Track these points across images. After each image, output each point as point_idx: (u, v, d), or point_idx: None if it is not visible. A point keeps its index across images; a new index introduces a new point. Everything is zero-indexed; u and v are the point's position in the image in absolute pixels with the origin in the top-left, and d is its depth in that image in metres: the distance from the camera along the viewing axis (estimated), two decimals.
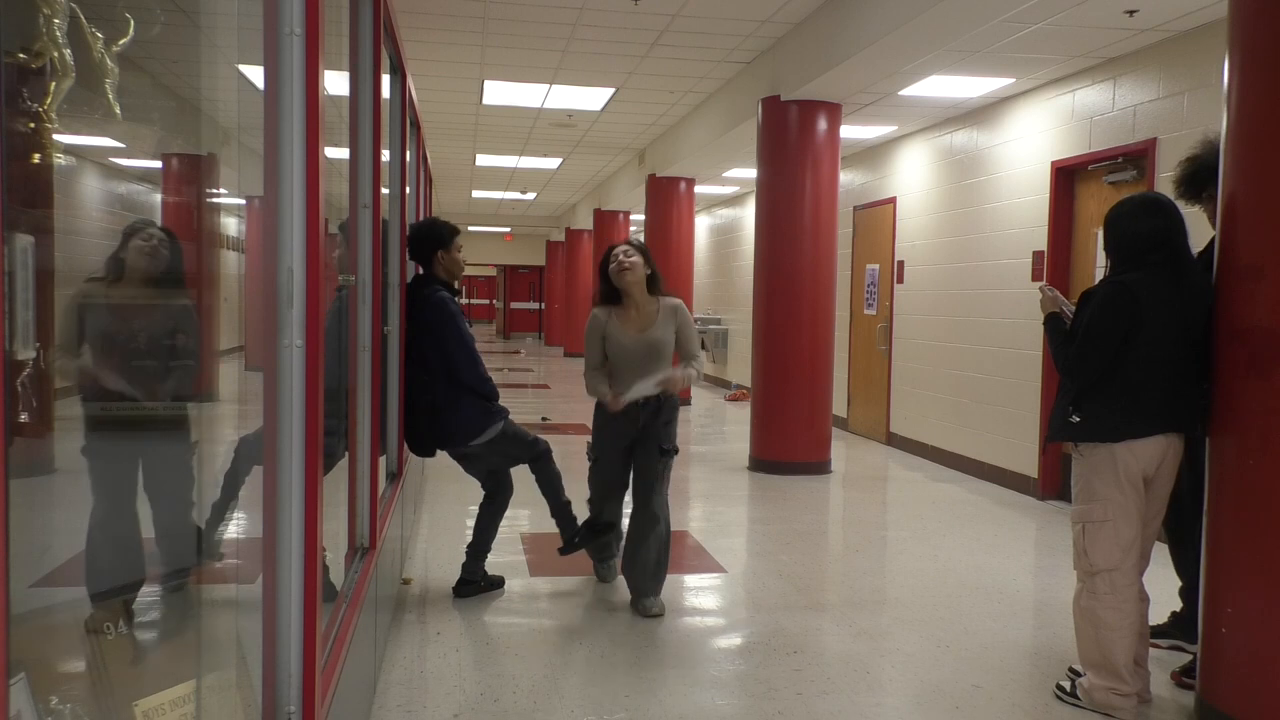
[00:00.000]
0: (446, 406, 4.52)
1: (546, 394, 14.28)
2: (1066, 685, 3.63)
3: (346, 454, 3.27)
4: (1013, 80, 7.31)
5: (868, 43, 6.36)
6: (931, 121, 9.00)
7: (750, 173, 11.33)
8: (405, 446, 4.76)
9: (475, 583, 4.73)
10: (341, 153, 3.33)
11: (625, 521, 4.76)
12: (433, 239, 4.67)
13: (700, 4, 6.98)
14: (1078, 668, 3.65)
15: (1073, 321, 3.58)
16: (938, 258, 8.99)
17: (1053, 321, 3.69)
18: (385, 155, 4.04)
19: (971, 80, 7.37)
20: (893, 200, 9.92)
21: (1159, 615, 4.15)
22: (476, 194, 18.86)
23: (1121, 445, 3.41)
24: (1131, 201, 3.61)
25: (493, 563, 4.97)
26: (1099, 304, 3.45)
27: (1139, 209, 3.54)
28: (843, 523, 6.99)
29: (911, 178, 9.60)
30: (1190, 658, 3.79)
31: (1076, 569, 3.58)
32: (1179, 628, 4.07)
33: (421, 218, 6.83)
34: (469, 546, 4.76)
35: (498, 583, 4.83)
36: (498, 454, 4.69)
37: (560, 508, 4.80)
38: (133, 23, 1.86)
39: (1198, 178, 3.84)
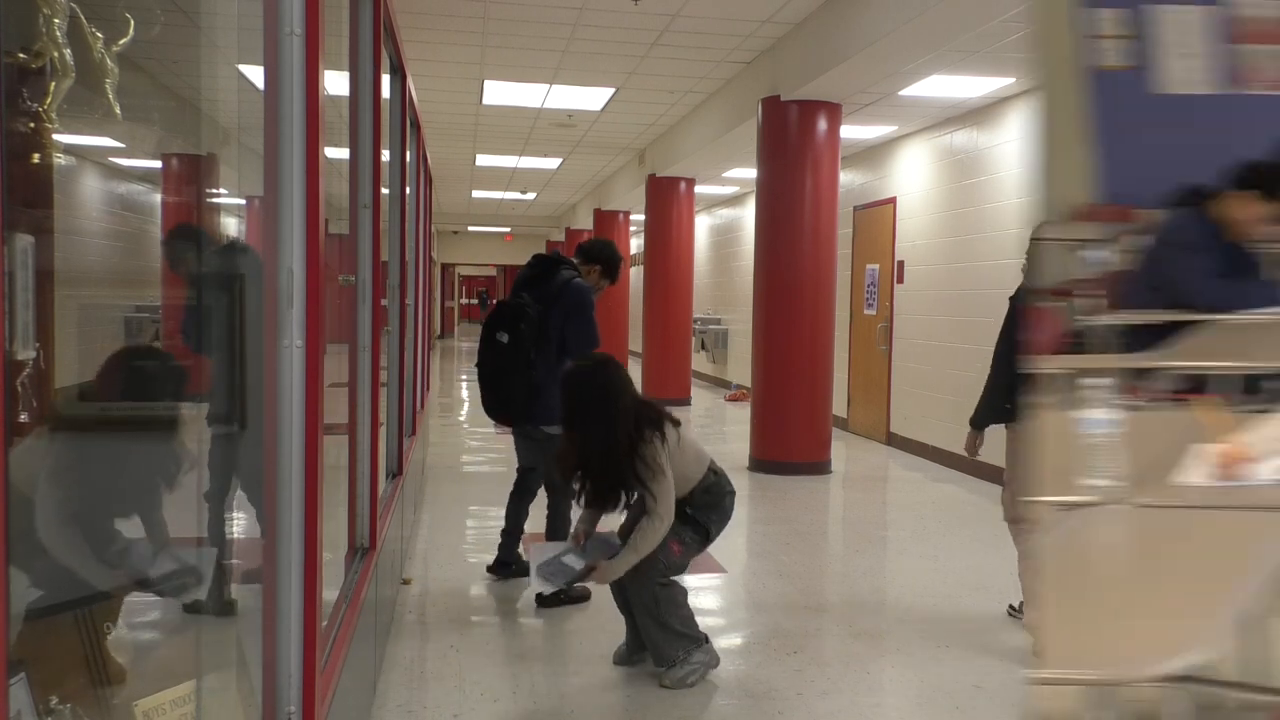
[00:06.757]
0: (545, 386, 4.53)
1: None
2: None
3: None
4: (1013, 80, 7.31)
5: (868, 43, 6.36)
6: (931, 121, 9.00)
7: (750, 173, 11.32)
8: (403, 443, 4.77)
9: (508, 564, 4.91)
10: (341, 153, 3.33)
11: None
12: (606, 259, 4.87)
13: (700, 4, 6.98)
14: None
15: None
16: (938, 258, 8.98)
17: None
18: (385, 155, 4.04)
19: (971, 80, 7.36)
20: (893, 200, 9.91)
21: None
22: (476, 194, 18.85)
23: None
24: None
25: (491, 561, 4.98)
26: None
27: None
28: (843, 523, 6.99)
29: (911, 178, 9.59)
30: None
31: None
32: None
33: (422, 212, 6.85)
34: (503, 530, 4.98)
35: (583, 595, 4.55)
36: (549, 453, 4.52)
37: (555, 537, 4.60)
38: (133, 23, 1.86)
39: None
